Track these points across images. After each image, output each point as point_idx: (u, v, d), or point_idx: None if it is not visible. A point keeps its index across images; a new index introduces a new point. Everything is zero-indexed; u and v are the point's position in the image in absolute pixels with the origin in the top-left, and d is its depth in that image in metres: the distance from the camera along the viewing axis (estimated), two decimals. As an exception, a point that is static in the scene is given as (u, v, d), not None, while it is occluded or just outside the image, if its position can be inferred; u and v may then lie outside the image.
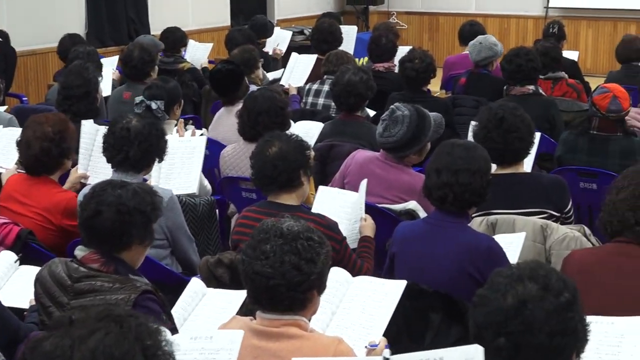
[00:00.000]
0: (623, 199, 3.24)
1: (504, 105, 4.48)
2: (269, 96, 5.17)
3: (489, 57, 7.36)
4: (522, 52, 6.30)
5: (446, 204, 3.60)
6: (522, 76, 6.24)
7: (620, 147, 5.19)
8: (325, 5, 13.89)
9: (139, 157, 4.31)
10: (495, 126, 4.35)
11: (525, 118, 4.39)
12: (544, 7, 13.44)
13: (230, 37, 8.65)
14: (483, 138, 4.36)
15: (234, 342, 2.62)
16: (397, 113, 4.59)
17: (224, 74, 6.27)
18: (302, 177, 3.95)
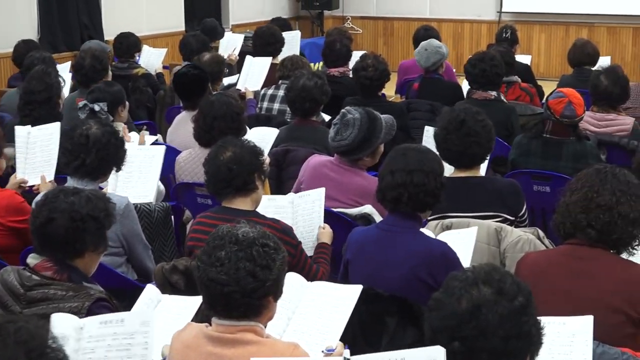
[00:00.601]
0: (575, 202, 3.27)
1: (467, 109, 4.50)
2: (225, 101, 5.15)
3: (437, 61, 7.43)
4: (487, 57, 6.34)
5: (401, 205, 3.61)
6: (485, 81, 6.29)
7: (573, 151, 5.24)
8: (280, 10, 13.89)
9: (95, 164, 4.27)
10: (456, 128, 4.38)
11: (486, 124, 4.42)
12: (497, 11, 13.56)
13: (184, 42, 8.61)
14: (442, 139, 4.40)
15: (148, 323, 2.59)
16: (348, 116, 4.60)
17: (189, 79, 6.24)
18: (256, 181, 3.95)
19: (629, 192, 3.24)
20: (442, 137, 4.42)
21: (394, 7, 14.32)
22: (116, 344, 2.59)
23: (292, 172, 5.14)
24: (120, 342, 2.59)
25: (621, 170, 3.35)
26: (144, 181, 5.00)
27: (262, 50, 8.29)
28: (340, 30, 9.34)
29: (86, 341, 2.75)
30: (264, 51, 8.24)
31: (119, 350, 2.69)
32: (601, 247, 3.23)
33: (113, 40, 8.78)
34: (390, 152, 3.80)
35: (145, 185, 4.99)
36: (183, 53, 8.47)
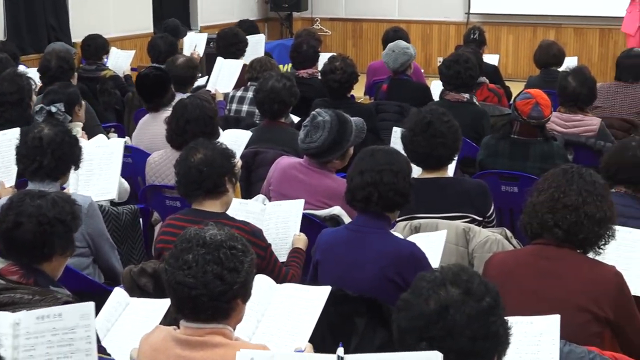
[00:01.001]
0: (542, 202, 3.29)
1: (433, 110, 4.52)
2: (199, 104, 5.13)
3: (405, 62, 7.45)
4: (461, 59, 6.35)
5: (371, 204, 3.61)
6: (459, 83, 6.30)
7: (541, 151, 5.27)
8: (248, 11, 13.87)
9: (53, 165, 4.24)
10: (422, 130, 4.39)
11: (452, 125, 4.44)
12: (465, 13, 13.61)
13: (152, 44, 8.57)
14: (409, 141, 4.42)
15: (88, 315, 2.57)
16: (318, 119, 4.60)
17: (150, 79, 6.21)
18: (227, 184, 3.94)
19: (595, 192, 3.26)
20: (409, 138, 4.44)
21: (362, 8, 14.34)
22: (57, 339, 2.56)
23: (261, 173, 5.13)
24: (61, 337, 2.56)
25: (587, 170, 3.38)
26: (106, 178, 4.99)
27: (225, 51, 8.27)
28: (308, 32, 9.34)
29: (24, 338, 2.71)
30: (226, 52, 8.23)
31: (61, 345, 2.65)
32: (568, 247, 3.26)
33: (80, 42, 8.72)
34: (359, 153, 3.82)
35: (107, 182, 4.97)
36: (151, 55, 8.43)
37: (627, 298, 3.25)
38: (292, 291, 3.34)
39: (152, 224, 5.15)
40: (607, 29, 12.87)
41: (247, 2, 14.09)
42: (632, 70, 6.79)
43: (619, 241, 3.46)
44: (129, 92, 7.77)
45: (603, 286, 3.18)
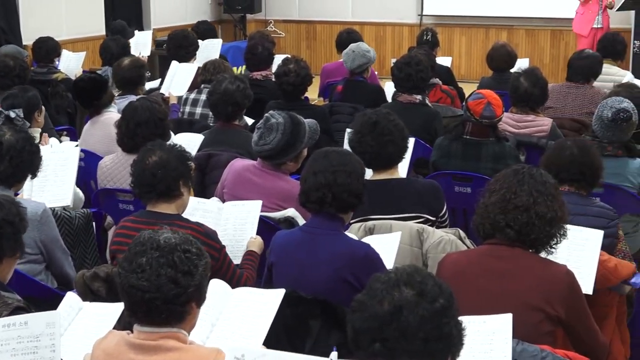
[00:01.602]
0: (494, 203, 3.32)
1: (378, 111, 4.57)
2: (149, 107, 5.10)
3: (364, 64, 7.47)
4: (413, 61, 6.38)
5: (325, 206, 3.62)
6: (410, 85, 6.33)
7: (493, 152, 5.31)
8: (202, 14, 13.81)
9: (9, 172, 4.19)
10: (369, 130, 4.42)
11: (398, 123, 4.47)
12: (418, 14, 13.69)
13: (104, 46, 8.52)
14: (357, 142, 4.44)
15: (53, 324, 2.55)
16: (271, 121, 4.61)
17: (86, 83, 6.17)
18: (181, 187, 3.93)
19: (545, 192, 3.30)
20: (356, 140, 4.46)
21: (316, 10, 14.36)
22: (21, 347, 2.53)
23: (215, 176, 5.11)
24: (25, 346, 2.54)
25: (538, 170, 3.42)
26: (60, 184, 4.94)
27: (175, 53, 8.24)
28: (262, 34, 9.33)
29: None
30: (176, 55, 8.19)
31: (25, 354, 2.63)
32: (520, 246, 3.29)
33: (32, 44, 8.63)
34: (312, 155, 3.82)
35: (61, 188, 4.93)
36: (103, 57, 8.37)
37: (578, 297, 3.29)
38: (246, 294, 3.34)
39: (105, 228, 5.12)
40: (558, 31, 13.02)
41: (200, 4, 14.05)
42: (583, 71, 6.88)
43: (570, 240, 3.50)
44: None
45: (555, 285, 3.22)
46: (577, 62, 6.95)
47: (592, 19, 11.48)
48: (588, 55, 7.08)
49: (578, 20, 11.68)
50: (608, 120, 5.03)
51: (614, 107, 5.04)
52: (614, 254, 4.13)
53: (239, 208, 4.41)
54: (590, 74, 6.90)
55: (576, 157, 4.29)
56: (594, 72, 6.95)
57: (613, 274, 3.91)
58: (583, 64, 6.91)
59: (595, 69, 6.97)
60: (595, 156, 4.36)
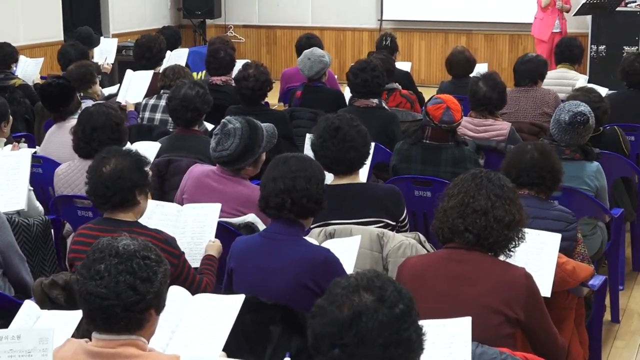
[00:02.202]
0: (453, 207, 3.34)
1: (340, 116, 4.56)
2: (104, 112, 5.07)
3: (320, 70, 7.48)
4: (368, 67, 6.40)
5: (284, 211, 3.62)
6: (366, 90, 6.35)
7: (452, 156, 5.34)
8: (161, 19, 13.78)
9: None
10: (331, 135, 4.42)
11: (361, 129, 4.48)
12: (378, 20, 13.75)
13: (62, 52, 8.45)
14: (319, 147, 4.44)
15: (46, 340, 2.54)
16: (228, 126, 4.60)
17: (53, 88, 6.12)
18: (138, 196, 3.90)
19: (503, 196, 3.32)
20: (318, 145, 4.46)
21: (276, 15, 14.37)
22: None
23: (175, 182, 5.09)
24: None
25: (496, 174, 3.44)
26: (12, 188, 4.90)
27: (141, 60, 8.20)
28: (223, 39, 9.30)
29: None
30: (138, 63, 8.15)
31: None
32: (479, 250, 3.31)
33: (-12, 50, 8.54)
34: (272, 160, 3.82)
35: (14, 192, 4.89)
36: (61, 63, 8.30)
37: (537, 299, 3.32)
38: (205, 301, 3.33)
39: (63, 236, 5.08)
40: (516, 35, 13.13)
41: (159, 9, 14.01)
42: (527, 74, 6.97)
43: (529, 243, 3.53)
44: (38, 101, 7.63)
45: (513, 288, 3.24)
46: (521, 67, 7.05)
47: (552, 24, 11.59)
48: (530, 58, 7.18)
49: (538, 25, 11.78)
50: (565, 123, 5.08)
51: (571, 111, 5.09)
52: (573, 257, 4.17)
53: (198, 211, 4.40)
54: (535, 76, 7.00)
55: (537, 160, 4.32)
56: (539, 73, 7.06)
57: (571, 277, 3.95)
58: (527, 68, 7.01)
59: (539, 70, 7.07)
60: (555, 160, 4.40)
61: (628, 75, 7.06)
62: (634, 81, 7.04)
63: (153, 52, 8.25)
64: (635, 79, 7.02)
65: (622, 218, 5.48)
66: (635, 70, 7.01)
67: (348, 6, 13.92)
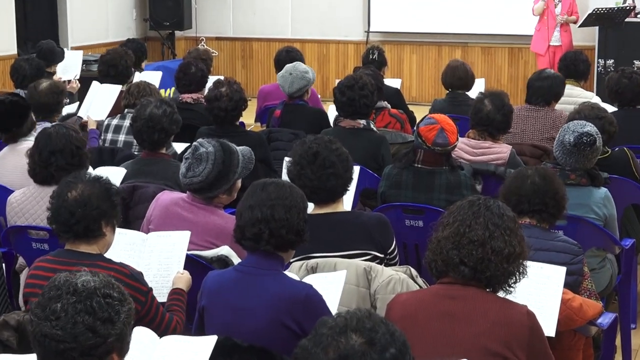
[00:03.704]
0: (447, 237, 3.34)
1: (318, 139, 4.56)
2: (64, 134, 5.06)
3: (302, 87, 7.50)
4: (357, 85, 6.41)
5: (262, 243, 3.62)
6: (352, 110, 6.38)
7: (447, 182, 5.35)
8: (126, 31, 13.80)
9: None
10: (309, 162, 4.43)
11: (341, 153, 4.49)
12: (364, 31, 13.81)
13: (16, 67, 8.44)
14: (296, 175, 4.44)
15: None
16: (200, 150, 4.60)
17: (6, 106, 6.09)
18: (104, 227, 3.89)
19: (502, 225, 3.32)
20: (295, 172, 4.47)
21: (252, 26, 14.42)
22: None
23: (141, 211, 5.08)
24: None
25: (495, 202, 3.44)
26: None
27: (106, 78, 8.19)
28: (198, 53, 9.31)
29: None
30: (108, 79, 8.15)
31: None
32: (475, 285, 3.31)
33: None
34: (249, 186, 3.82)
35: None
36: (15, 79, 8.30)
37: (539, 340, 3.31)
38: (174, 343, 3.32)
39: (16, 271, 5.05)
40: (516, 48, 13.22)
41: (123, 20, 14.03)
42: (543, 93, 6.98)
43: (531, 278, 3.53)
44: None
45: (514, 328, 3.23)
46: (537, 83, 7.05)
47: (549, 36, 11.66)
48: (549, 75, 7.18)
49: (536, 38, 11.88)
50: (570, 145, 5.10)
51: (577, 132, 5.11)
52: (579, 293, 4.18)
53: (165, 239, 4.39)
54: (551, 96, 7.01)
55: (538, 186, 4.34)
56: (555, 93, 7.06)
57: (578, 315, 3.95)
58: (543, 85, 7.02)
59: (556, 90, 7.08)
60: (559, 185, 4.42)
61: (619, 94, 7.13)
62: (628, 98, 7.10)
63: (118, 70, 8.26)
64: (629, 96, 7.08)
65: (633, 249, 5.49)
66: (624, 86, 7.07)
67: (331, 16, 13.98)
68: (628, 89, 7.07)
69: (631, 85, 7.10)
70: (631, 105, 7.13)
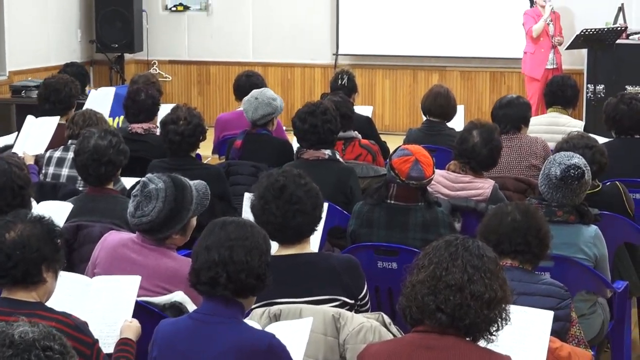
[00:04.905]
0: (422, 281, 3.34)
1: (286, 172, 4.57)
2: (6, 170, 5.01)
3: (268, 114, 7.50)
4: (318, 110, 6.43)
5: (218, 288, 3.62)
6: (316, 139, 6.39)
7: (422, 219, 5.36)
8: (70, 53, 13.78)
9: None
10: (274, 197, 4.44)
11: (310, 188, 4.51)
12: (332, 54, 13.86)
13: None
14: (260, 210, 4.45)
15: None
16: (149, 187, 4.59)
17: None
18: (44, 272, 3.87)
19: (482, 268, 3.33)
20: (259, 208, 4.47)
21: (210, 49, 14.45)
22: None
23: (85, 253, 5.07)
24: None
25: (474, 242, 3.45)
26: None
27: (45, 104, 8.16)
28: (148, 78, 9.31)
29: None
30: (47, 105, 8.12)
31: None
32: (454, 334, 3.31)
33: None
34: (208, 225, 3.82)
35: None
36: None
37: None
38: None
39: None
40: (498, 72, 13.33)
41: (68, 42, 14.02)
42: (508, 120, 7.09)
43: (514, 324, 3.54)
44: None
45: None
46: (500, 112, 7.18)
47: (545, 59, 11.74)
48: (510, 100, 7.30)
49: (529, 60, 11.94)
50: (557, 179, 5.13)
51: (563, 164, 5.14)
52: (567, 341, 4.20)
53: (112, 284, 4.38)
54: (519, 121, 7.12)
55: (519, 223, 4.37)
56: (522, 118, 7.18)
57: (566, 365, 3.97)
58: (508, 112, 7.13)
59: (522, 114, 7.20)
60: (541, 222, 4.45)
61: (616, 121, 7.17)
62: (626, 126, 7.15)
63: (60, 96, 8.23)
64: (627, 124, 7.14)
65: (626, 292, 5.51)
66: (623, 113, 7.12)
67: (296, 38, 14.04)
68: (626, 116, 7.11)
69: (630, 113, 7.13)
70: (629, 134, 7.18)
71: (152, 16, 14.68)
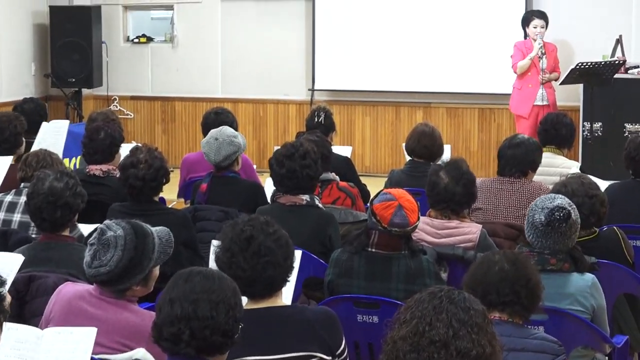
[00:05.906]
0: (404, 337, 3.32)
1: (253, 220, 4.55)
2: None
3: (231, 154, 7.49)
4: (297, 153, 6.41)
5: (181, 345, 3.61)
6: (294, 184, 6.40)
7: (406, 269, 5.35)
8: (23, 88, 13.78)
9: None
10: (242, 248, 4.42)
11: (280, 237, 4.49)
12: (308, 89, 13.87)
13: None
14: (226, 263, 4.43)
15: None
16: (107, 234, 4.58)
17: None
18: (-12, 327, 3.87)
19: (469, 322, 3.33)
20: (225, 260, 4.45)
21: (175, 84, 14.45)
22: None
23: (38, 306, 5.04)
24: None
25: (460, 293, 3.44)
26: None
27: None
28: (107, 115, 9.31)
29: None
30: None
31: None
32: (439, 395, 3.32)
33: None
34: (173, 276, 3.82)
35: None
36: None
37: None
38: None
39: None
40: (488, 109, 13.33)
41: (20, 76, 14.02)
42: (516, 162, 7.04)
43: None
44: None
45: None
46: (509, 152, 7.10)
47: (533, 95, 11.71)
48: (522, 141, 7.23)
49: (516, 97, 11.89)
50: (543, 225, 5.12)
51: (546, 208, 5.13)
52: (561, 400, 4.21)
53: (65, 337, 4.35)
54: (526, 164, 7.07)
55: (507, 273, 4.38)
56: (531, 162, 7.12)
57: None
58: (516, 153, 7.07)
59: (532, 157, 7.14)
60: (531, 271, 4.45)
61: (635, 162, 7.18)
62: None
63: (5, 136, 8.24)
64: None
65: (627, 348, 5.52)
66: None
67: (269, 72, 14.04)
68: None
69: None
70: None
71: (113, 48, 14.68)
